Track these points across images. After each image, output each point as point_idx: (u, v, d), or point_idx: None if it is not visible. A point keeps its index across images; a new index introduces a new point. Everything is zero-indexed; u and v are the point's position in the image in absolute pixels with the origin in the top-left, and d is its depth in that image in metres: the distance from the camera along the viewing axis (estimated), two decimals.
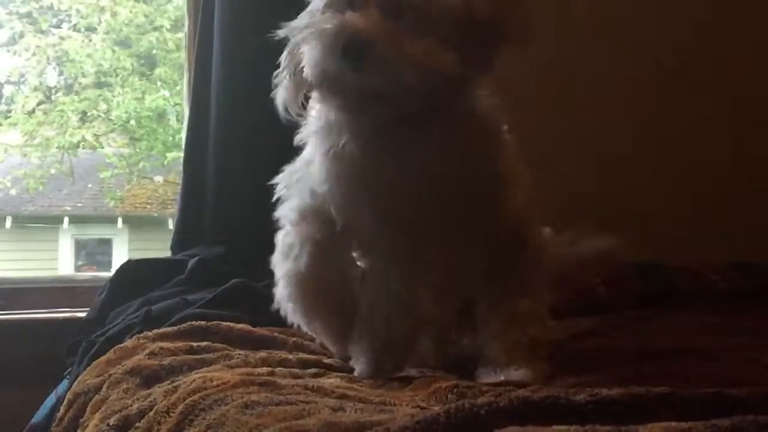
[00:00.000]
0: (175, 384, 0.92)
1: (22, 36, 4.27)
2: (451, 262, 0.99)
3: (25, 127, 4.16)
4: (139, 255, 2.17)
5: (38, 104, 4.22)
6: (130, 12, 4.23)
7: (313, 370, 0.99)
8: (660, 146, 2.19)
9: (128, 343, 1.19)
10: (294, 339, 1.22)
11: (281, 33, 1.00)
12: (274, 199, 1.11)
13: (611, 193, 2.09)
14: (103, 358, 1.17)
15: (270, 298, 1.13)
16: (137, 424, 0.87)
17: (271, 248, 1.11)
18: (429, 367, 1.07)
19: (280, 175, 1.11)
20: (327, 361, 1.10)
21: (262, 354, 1.07)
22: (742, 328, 1.35)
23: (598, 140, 2.10)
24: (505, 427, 0.55)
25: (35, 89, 4.32)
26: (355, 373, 1.02)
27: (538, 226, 1.15)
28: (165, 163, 4.28)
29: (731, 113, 2.22)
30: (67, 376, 1.41)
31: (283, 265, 1.08)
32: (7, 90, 4.37)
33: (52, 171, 4.33)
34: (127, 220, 4.88)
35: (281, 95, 1.01)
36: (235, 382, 0.86)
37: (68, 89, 4.40)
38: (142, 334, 1.21)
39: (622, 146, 2.09)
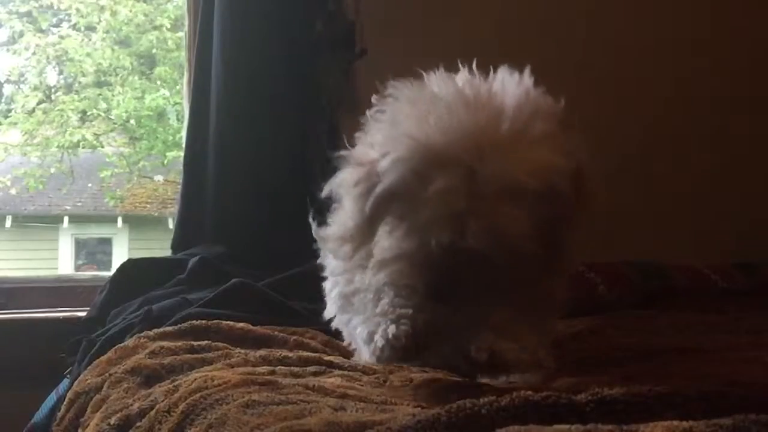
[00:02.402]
0: (176, 383, 0.92)
1: (21, 35, 4.26)
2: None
3: (25, 127, 4.15)
4: (139, 254, 2.17)
5: (38, 103, 4.21)
6: (130, 11, 4.22)
7: (313, 368, 0.99)
8: (660, 146, 2.19)
9: (129, 342, 1.19)
10: (294, 337, 1.22)
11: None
12: None
13: (611, 194, 2.09)
14: (103, 358, 1.17)
15: (270, 297, 1.12)
16: (138, 424, 0.87)
17: (270, 248, 1.09)
18: (431, 367, 1.07)
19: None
20: (327, 358, 1.10)
21: (263, 352, 1.07)
22: (742, 327, 1.35)
23: (598, 141, 2.09)
24: (506, 427, 0.55)
25: (35, 88, 4.31)
26: None
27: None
28: (165, 162, 4.27)
29: (731, 113, 2.22)
30: (68, 376, 1.41)
31: None
32: (7, 89, 4.36)
33: (52, 170, 4.31)
34: (127, 220, 4.87)
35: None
36: (236, 382, 0.86)
37: (68, 88, 4.39)
38: (142, 334, 1.21)
39: (622, 147, 2.09)
